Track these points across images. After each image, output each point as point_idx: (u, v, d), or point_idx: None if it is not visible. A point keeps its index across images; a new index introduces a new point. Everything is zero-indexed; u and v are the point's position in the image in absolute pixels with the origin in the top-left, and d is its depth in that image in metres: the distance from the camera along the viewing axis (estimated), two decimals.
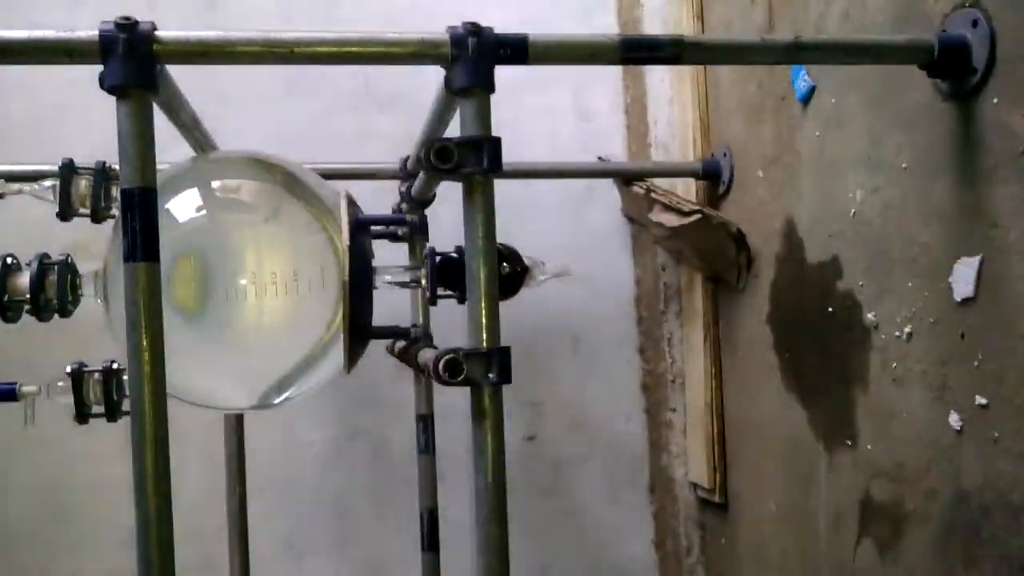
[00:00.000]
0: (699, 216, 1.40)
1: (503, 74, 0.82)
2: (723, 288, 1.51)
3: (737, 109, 1.44)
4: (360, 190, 1.32)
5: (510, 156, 1.53)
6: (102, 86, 0.73)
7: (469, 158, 0.77)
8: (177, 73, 0.84)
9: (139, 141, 0.73)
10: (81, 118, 1.49)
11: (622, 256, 1.68)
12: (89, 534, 1.48)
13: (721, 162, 1.47)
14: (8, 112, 1.47)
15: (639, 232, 1.67)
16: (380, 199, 1.39)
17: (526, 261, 1.02)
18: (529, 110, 1.64)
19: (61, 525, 1.47)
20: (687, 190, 1.55)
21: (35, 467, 1.47)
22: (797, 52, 0.86)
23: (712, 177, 1.48)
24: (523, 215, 1.63)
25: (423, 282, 1.02)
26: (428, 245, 1.18)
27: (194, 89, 0.96)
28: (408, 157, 1.24)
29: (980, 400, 0.90)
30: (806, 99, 1.21)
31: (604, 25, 1.67)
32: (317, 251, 0.94)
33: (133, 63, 0.73)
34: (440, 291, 1.00)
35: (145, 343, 0.73)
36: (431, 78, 0.86)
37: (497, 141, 0.78)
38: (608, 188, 1.64)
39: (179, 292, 0.89)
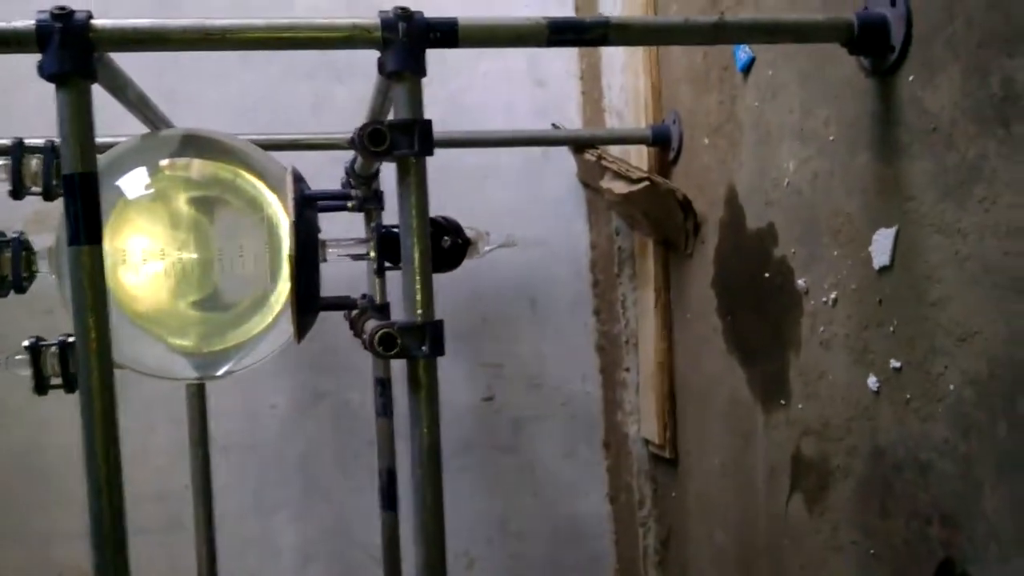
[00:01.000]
0: (647, 183, 1.43)
1: None
2: (673, 253, 1.55)
3: (685, 77, 1.47)
4: (316, 160, 1.36)
5: (467, 123, 1.57)
6: (41, 74, 0.76)
7: (401, 140, 0.80)
8: None
9: (79, 127, 0.76)
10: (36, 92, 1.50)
11: (578, 221, 1.72)
12: (60, 496, 1.52)
13: (671, 128, 1.51)
14: None
15: (594, 197, 1.71)
16: (338, 169, 1.42)
17: (469, 233, 1.06)
18: (485, 76, 1.66)
19: (33, 488, 1.52)
20: (639, 156, 1.58)
21: (7, 432, 1.51)
22: (720, 32, 0.89)
23: (662, 143, 1.52)
24: (481, 182, 1.67)
25: (371, 255, 1.06)
26: (379, 217, 1.22)
27: (149, 61, 0.98)
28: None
29: (894, 363, 0.95)
30: (746, 69, 1.25)
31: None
32: (263, 226, 0.97)
33: (69, 52, 0.75)
34: (387, 264, 1.04)
35: (91, 322, 0.76)
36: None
37: (428, 124, 0.81)
38: (564, 154, 1.67)
39: (126, 269, 0.92)
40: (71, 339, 1.01)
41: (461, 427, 1.68)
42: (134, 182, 0.96)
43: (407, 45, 0.81)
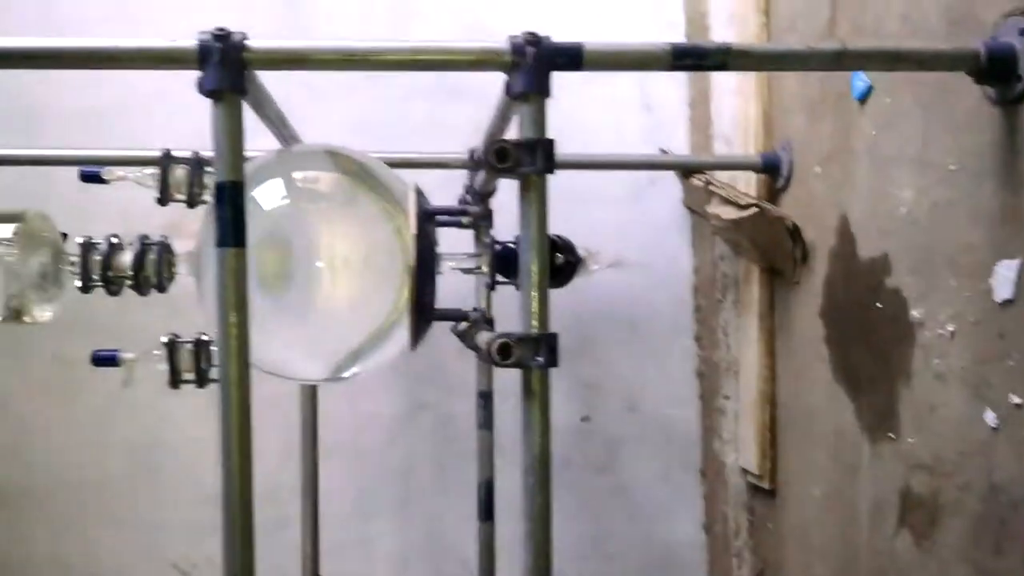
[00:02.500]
0: (756, 210, 1.43)
1: None
2: (779, 280, 1.54)
3: (799, 104, 1.47)
4: (431, 178, 1.41)
5: (576, 146, 1.60)
6: (200, 91, 0.82)
7: (525, 158, 0.84)
8: None
9: (231, 139, 0.82)
10: (168, 107, 1.61)
11: (682, 246, 1.73)
12: (174, 489, 1.61)
13: (781, 156, 1.50)
14: (102, 100, 1.60)
15: (699, 223, 1.71)
16: (451, 185, 1.47)
17: (580, 252, 1.09)
18: (594, 100, 1.69)
19: (150, 480, 1.61)
20: (747, 183, 1.58)
21: (129, 426, 1.61)
22: (842, 59, 0.89)
23: (772, 171, 1.51)
24: (587, 204, 1.69)
25: (484, 269, 1.10)
26: (491, 234, 1.26)
27: (283, 79, 1.05)
28: (474, 149, 1.31)
29: (1015, 399, 0.93)
30: (863, 98, 1.24)
31: (670, 21, 1.71)
32: (387, 238, 1.02)
33: (226, 70, 0.81)
34: (499, 278, 1.08)
35: (233, 320, 0.82)
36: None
37: (550, 144, 0.84)
38: (670, 179, 1.69)
39: (263, 273, 0.98)
40: (205, 337, 1.08)
41: (557, 445, 1.69)
42: (274, 192, 1.02)
43: (534, 68, 0.84)
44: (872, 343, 1.23)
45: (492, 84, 1.07)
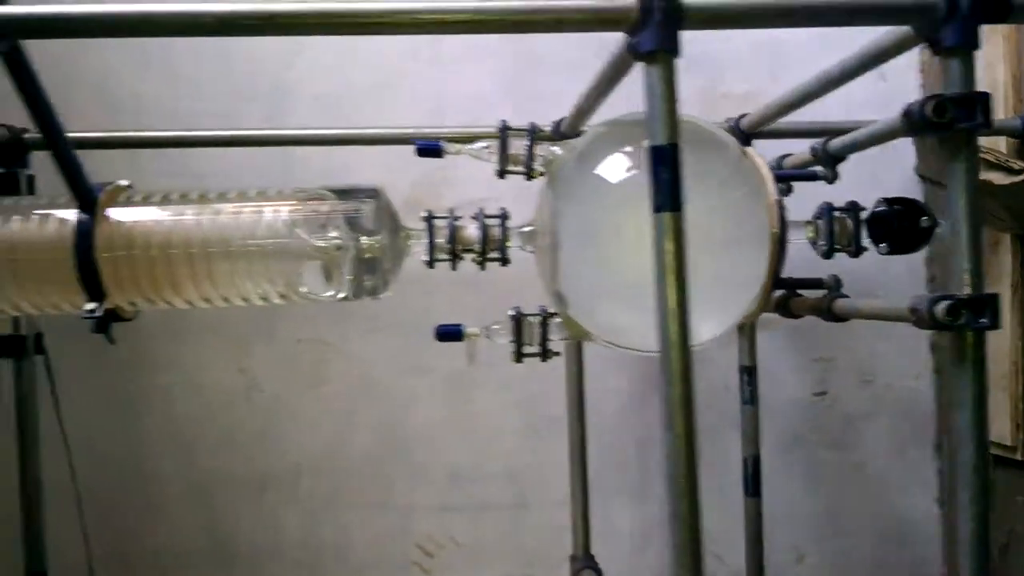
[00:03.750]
0: None
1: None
2: None
3: None
4: None
5: (806, 114, 1.57)
6: (634, 51, 0.81)
7: (961, 113, 0.81)
8: None
9: (667, 101, 0.80)
10: (410, 86, 1.61)
11: None
12: (421, 470, 1.61)
13: None
14: (352, 80, 1.59)
15: (931, 191, 1.67)
16: None
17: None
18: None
19: (397, 461, 1.61)
20: (992, 146, 1.54)
21: (374, 410, 1.61)
22: None
23: None
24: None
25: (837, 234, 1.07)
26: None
27: None
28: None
29: None
30: None
31: None
32: (748, 204, 1.00)
33: (664, 30, 0.79)
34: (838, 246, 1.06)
35: (673, 283, 0.80)
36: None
37: (987, 98, 0.82)
38: (900, 149, 1.65)
39: (635, 242, 0.97)
40: (551, 311, 1.08)
41: (789, 421, 1.68)
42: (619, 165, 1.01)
43: (965, 20, 0.81)
44: None
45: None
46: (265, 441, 1.58)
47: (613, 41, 0.88)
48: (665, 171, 0.80)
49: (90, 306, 0.97)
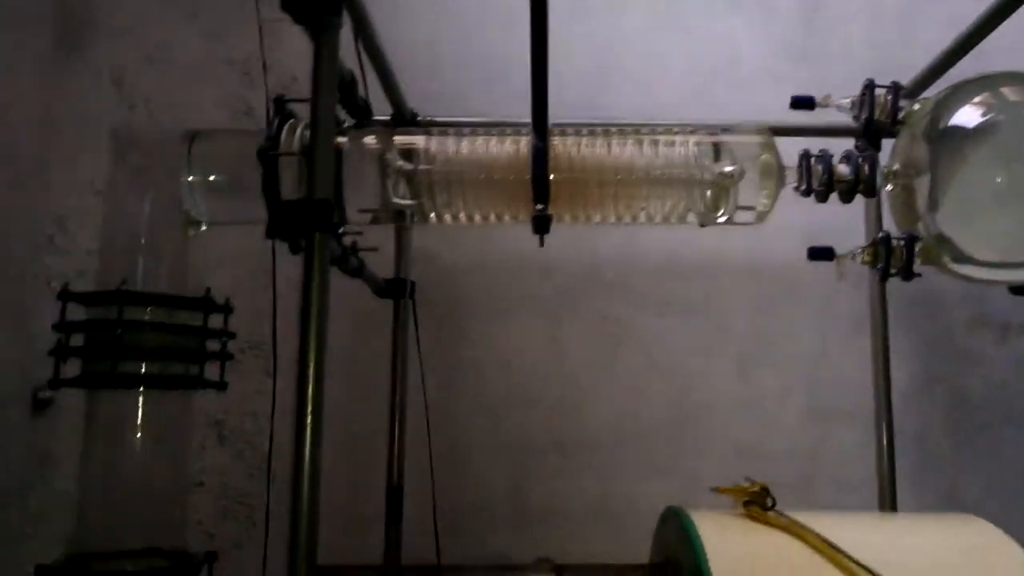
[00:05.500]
0: None
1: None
2: None
3: None
4: None
5: None
6: None
7: None
8: None
9: None
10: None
11: None
12: (706, 443, 1.73)
13: None
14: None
15: None
16: None
17: None
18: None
19: (684, 433, 1.74)
20: None
21: (663, 383, 1.76)
22: None
23: None
24: None
25: None
26: None
27: None
28: None
29: None
30: None
31: None
32: None
33: None
34: None
35: None
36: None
37: None
38: None
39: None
40: (916, 235, 1.23)
41: None
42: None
43: None
44: None
45: None
46: (571, 409, 1.73)
47: None
48: None
49: (539, 206, 1.18)
